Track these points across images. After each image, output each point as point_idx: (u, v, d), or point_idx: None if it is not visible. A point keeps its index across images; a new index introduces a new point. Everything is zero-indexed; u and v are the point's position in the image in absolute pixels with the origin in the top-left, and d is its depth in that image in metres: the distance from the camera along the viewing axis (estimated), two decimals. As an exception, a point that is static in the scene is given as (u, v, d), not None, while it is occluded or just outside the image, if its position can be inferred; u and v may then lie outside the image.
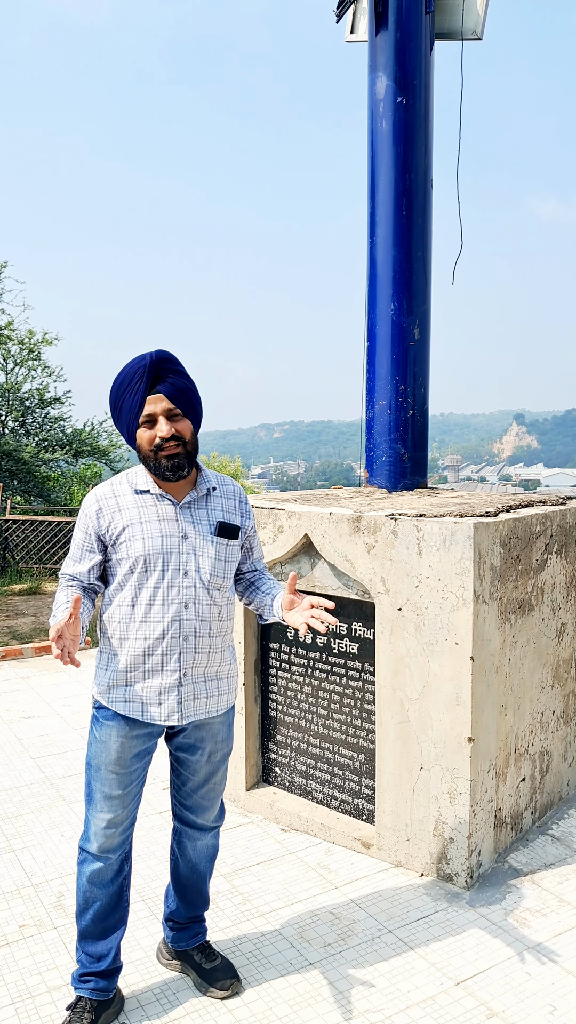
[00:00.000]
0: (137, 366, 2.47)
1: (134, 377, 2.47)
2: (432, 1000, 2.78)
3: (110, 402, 2.56)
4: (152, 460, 2.52)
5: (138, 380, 2.46)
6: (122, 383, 2.50)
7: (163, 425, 2.48)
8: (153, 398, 2.47)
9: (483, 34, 4.79)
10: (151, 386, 2.47)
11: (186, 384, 2.52)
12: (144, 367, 2.46)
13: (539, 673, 3.92)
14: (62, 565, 2.61)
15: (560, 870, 3.61)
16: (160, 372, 2.48)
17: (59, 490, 19.74)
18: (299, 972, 2.94)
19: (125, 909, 2.75)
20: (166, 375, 2.48)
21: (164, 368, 2.48)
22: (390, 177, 4.42)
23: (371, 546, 3.64)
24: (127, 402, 2.49)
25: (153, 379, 2.47)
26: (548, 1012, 2.72)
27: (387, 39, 4.39)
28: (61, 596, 2.54)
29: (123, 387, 2.50)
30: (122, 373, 2.51)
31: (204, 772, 2.74)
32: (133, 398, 2.47)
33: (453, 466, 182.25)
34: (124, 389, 2.49)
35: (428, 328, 4.56)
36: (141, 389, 2.46)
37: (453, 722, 3.43)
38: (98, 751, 2.61)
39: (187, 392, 2.51)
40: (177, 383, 2.49)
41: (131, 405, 2.48)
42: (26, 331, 20.76)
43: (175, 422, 2.51)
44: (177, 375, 2.51)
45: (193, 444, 2.57)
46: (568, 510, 4.10)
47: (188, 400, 2.52)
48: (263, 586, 2.83)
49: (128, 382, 2.48)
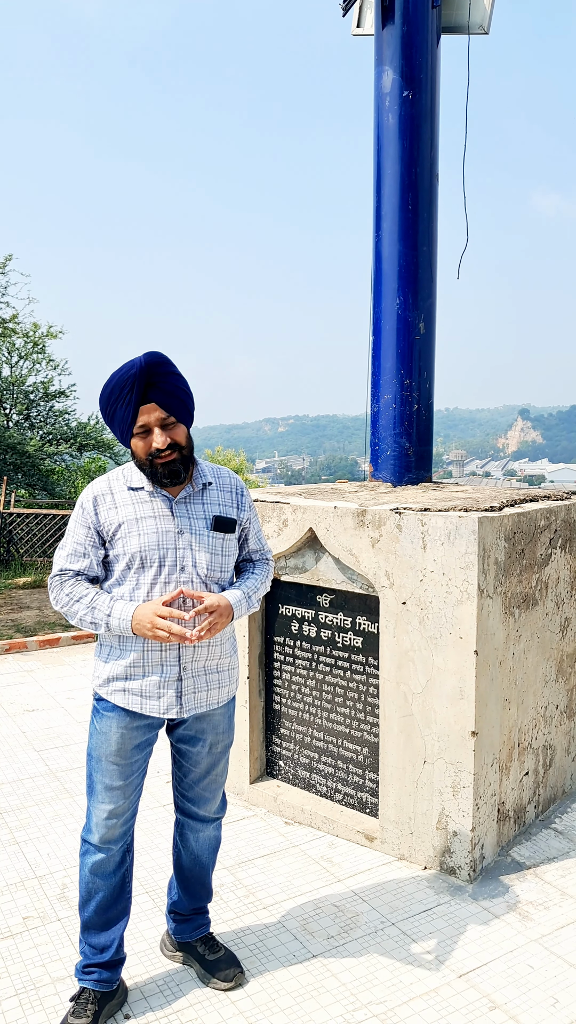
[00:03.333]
0: (126, 376, 2.44)
1: (124, 387, 2.44)
2: (435, 992, 2.79)
3: (101, 408, 2.55)
4: (148, 468, 2.53)
5: (128, 391, 2.44)
6: (112, 393, 2.48)
7: (159, 436, 2.47)
8: (146, 408, 2.46)
9: (490, 28, 4.78)
10: (143, 394, 2.45)
11: (177, 385, 2.50)
12: (133, 377, 2.43)
13: (543, 667, 3.92)
14: (57, 560, 2.61)
15: (563, 863, 3.61)
16: (151, 378, 2.45)
17: (63, 484, 19.77)
18: (302, 964, 2.95)
19: (128, 900, 2.76)
20: (157, 380, 2.46)
21: (154, 373, 2.46)
22: (396, 171, 4.41)
23: (375, 540, 3.64)
24: (119, 413, 2.48)
25: (145, 387, 2.45)
26: (550, 1004, 2.72)
27: (393, 33, 4.37)
28: (79, 589, 2.53)
29: (113, 396, 2.47)
30: (111, 382, 2.48)
31: (205, 764, 2.75)
32: (125, 410, 2.46)
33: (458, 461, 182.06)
34: (115, 399, 2.47)
35: (433, 322, 4.55)
36: (133, 401, 2.44)
37: (457, 716, 3.43)
38: (99, 742, 2.61)
39: (179, 394, 2.50)
40: (168, 387, 2.47)
41: (124, 416, 2.47)
42: (31, 324, 20.77)
43: (169, 430, 2.50)
44: (167, 378, 2.48)
45: (188, 447, 2.56)
46: (572, 505, 4.10)
47: (181, 403, 2.51)
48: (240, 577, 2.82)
49: (118, 392, 2.46)
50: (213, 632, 2.49)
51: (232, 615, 2.57)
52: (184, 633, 2.41)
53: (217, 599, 2.51)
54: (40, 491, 18.76)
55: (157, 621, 2.41)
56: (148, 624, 2.42)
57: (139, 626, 2.45)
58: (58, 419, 21.55)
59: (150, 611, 2.44)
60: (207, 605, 2.48)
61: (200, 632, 2.44)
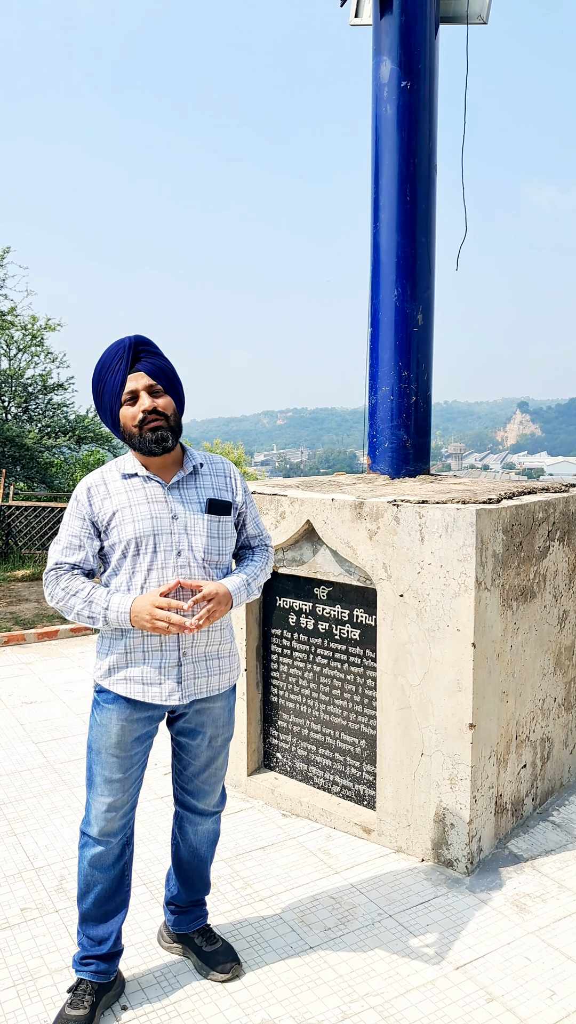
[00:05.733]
0: (117, 348, 2.55)
1: (114, 358, 2.54)
2: (432, 984, 2.80)
3: (92, 388, 2.61)
4: (137, 437, 2.55)
5: (118, 361, 2.53)
6: (103, 366, 2.56)
7: (145, 399, 2.53)
8: (134, 376, 2.54)
9: (488, 19, 4.75)
10: (132, 364, 2.54)
11: (165, 364, 2.59)
12: (124, 349, 2.53)
13: (541, 660, 3.92)
14: (52, 554, 2.61)
15: (560, 856, 3.62)
16: (139, 353, 2.55)
17: (62, 476, 19.75)
18: (299, 956, 2.96)
19: (126, 893, 2.76)
20: (145, 356, 2.56)
21: (143, 350, 2.56)
22: (394, 162, 4.39)
23: (373, 532, 3.63)
24: (109, 383, 2.55)
25: (133, 359, 2.54)
26: (547, 996, 2.73)
27: (392, 23, 4.35)
28: (76, 583, 2.53)
29: (104, 369, 2.56)
30: (102, 358, 2.58)
31: (205, 757, 2.75)
32: (114, 378, 2.53)
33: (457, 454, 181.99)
34: (105, 371, 2.56)
35: (431, 314, 4.54)
36: (122, 369, 2.52)
37: (454, 708, 3.43)
38: (99, 735, 2.61)
39: (166, 371, 2.58)
40: (156, 363, 2.56)
41: (112, 386, 2.54)
42: (29, 317, 20.73)
43: (156, 397, 2.56)
44: (154, 357, 2.57)
45: (176, 420, 2.61)
46: (571, 497, 4.09)
47: (168, 379, 2.58)
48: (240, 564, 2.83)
49: (108, 364, 2.55)
50: (212, 620, 2.49)
51: (231, 602, 2.57)
52: (184, 623, 2.41)
53: (215, 587, 2.51)
54: (39, 484, 18.76)
55: (156, 612, 2.41)
56: (147, 616, 2.42)
57: (137, 618, 2.44)
58: (56, 412, 21.52)
59: (148, 603, 2.43)
60: (205, 593, 2.48)
61: (199, 620, 2.44)
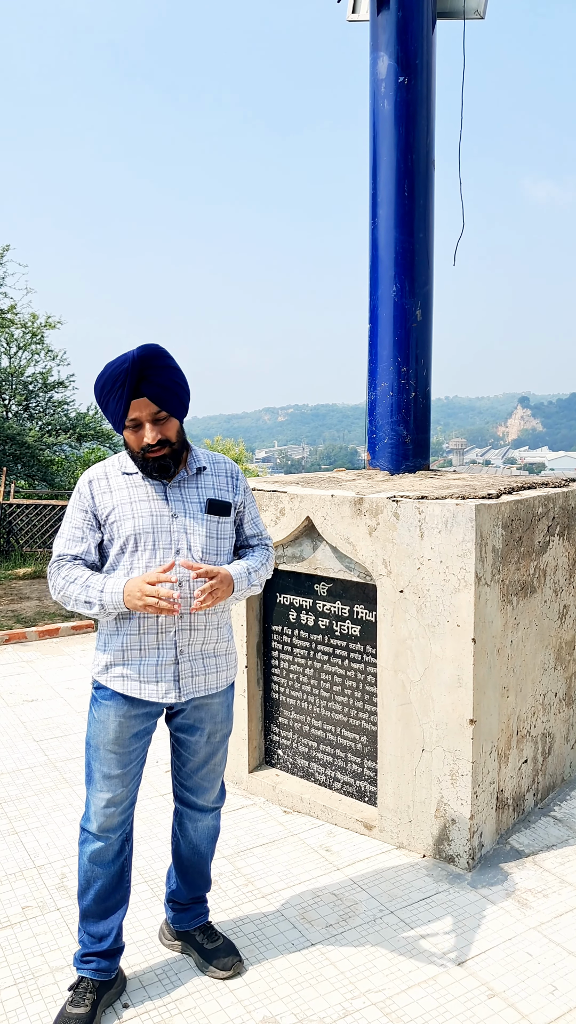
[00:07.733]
0: (118, 370, 2.43)
1: (116, 381, 2.43)
2: (433, 980, 2.80)
3: (96, 398, 2.55)
4: (139, 460, 2.54)
5: (120, 385, 2.43)
6: (104, 385, 2.47)
7: (149, 432, 2.48)
8: (137, 403, 2.46)
9: (485, 13, 4.74)
10: (135, 388, 2.44)
11: (171, 379, 2.48)
12: (125, 371, 2.42)
13: (541, 655, 3.92)
14: (56, 546, 2.61)
15: (562, 851, 3.61)
16: (144, 372, 2.43)
17: (63, 474, 19.77)
18: (301, 952, 2.96)
19: (126, 889, 2.76)
20: (150, 374, 2.44)
21: (148, 367, 2.44)
22: (392, 158, 4.37)
23: (373, 528, 3.63)
24: (111, 406, 2.48)
25: (137, 381, 2.43)
26: (549, 992, 2.73)
27: (389, 18, 4.33)
28: (76, 572, 2.53)
29: (106, 389, 2.47)
30: (103, 374, 2.48)
31: (204, 753, 2.75)
32: (118, 403, 2.46)
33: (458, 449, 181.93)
34: (107, 392, 2.47)
35: (430, 310, 4.53)
36: (125, 395, 2.43)
37: (455, 704, 3.43)
38: (97, 731, 2.61)
39: (172, 388, 2.49)
40: (161, 381, 2.46)
41: (116, 409, 2.48)
42: (29, 315, 20.73)
43: (160, 425, 2.50)
44: (161, 371, 2.46)
45: (180, 441, 2.57)
46: (571, 492, 4.09)
47: (174, 396, 2.49)
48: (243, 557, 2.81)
49: (111, 385, 2.45)
50: (214, 599, 2.45)
51: (232, 585, 2.55)
52: (172, 594, 2.36)
53: (217, 568, 2.51)
54: (39, 482, 18.77)
55: (146, 588, 2.38)
56: (138, 594, 2.39)
57: (130, 597, 2.42)
58: (57, 409, 21.54)
59: (140, 581, 2.41)
60: (207, 570, 2.46)
61: (201, 597, 2.42)
